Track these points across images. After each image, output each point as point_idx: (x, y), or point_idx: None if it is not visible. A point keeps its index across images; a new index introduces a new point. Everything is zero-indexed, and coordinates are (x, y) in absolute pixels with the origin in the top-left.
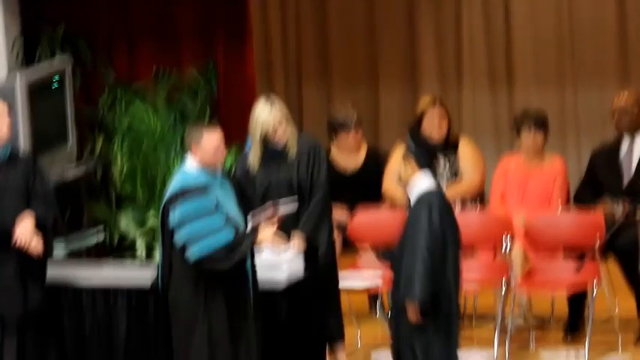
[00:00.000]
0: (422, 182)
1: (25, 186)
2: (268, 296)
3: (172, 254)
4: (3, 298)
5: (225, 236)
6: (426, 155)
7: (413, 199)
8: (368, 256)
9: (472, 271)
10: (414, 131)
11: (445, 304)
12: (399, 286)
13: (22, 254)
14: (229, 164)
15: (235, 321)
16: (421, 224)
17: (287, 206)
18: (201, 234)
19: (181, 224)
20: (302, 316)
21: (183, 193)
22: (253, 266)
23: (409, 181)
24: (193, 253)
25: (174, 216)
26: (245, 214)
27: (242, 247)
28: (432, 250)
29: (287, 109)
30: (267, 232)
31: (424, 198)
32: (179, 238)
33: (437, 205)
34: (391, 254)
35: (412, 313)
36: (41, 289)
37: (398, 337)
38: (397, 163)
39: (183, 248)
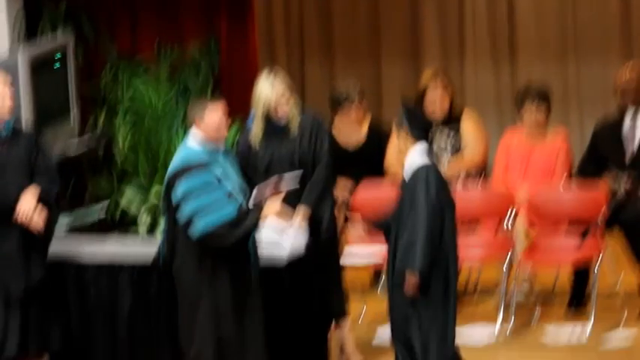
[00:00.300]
0: (417, 156)
1: (28, 161)
2: (270, 272)
3: (176, 230)
4: (6, 273)
5: (228, 212)
6: (420, 128)
7: (408, 172)
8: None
9: (475, 247)
10: (408, 104)
11: (442, 279)
12: (394, 260)
13: (25, 229)
14: (231, 139)
15: (240, 297)
16: (419, 200)
17: (291, 180)
18: (205, 210)
19: (184, 200)
20: (304, 291)
21: (186, 170)
22: (254, 242)
23: (404, 153)
24: (197, 229)
25: (178, 192)
26: (248, 190)
27: (247, 222)
28: (432, 225)
29: (290, 82)
30: (272, 207)
31: (420, 173)
32: (183, 214)
33: (434, 180)
34: (385, 224)
35: (410, 286)
36: (42, 265)
37: (393, 309)
38: None
39: (187, 224)
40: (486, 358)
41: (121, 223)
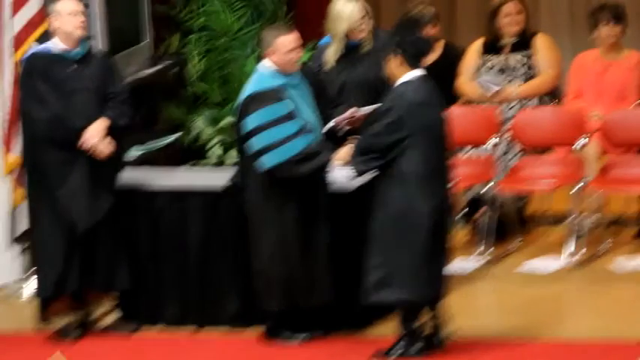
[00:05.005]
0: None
1: (101, 84)
2: (338, 198)
3: (245, 158)
4: (73, 206)
5: (299, 143)
6: (417, 55)
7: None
8: None
9: (546, 171)
10: (405, 27)
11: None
12: None
13: (93, 158)
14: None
15: (306, 225)
16: (380, 119)
17: (367, 112)
18: (275, 142)
19: (255, 131)
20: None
21: (257, 98)
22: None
23: (396, 78)
24: (267, 160)
25: (248, 122)
26: (322, 113)
27: (321, 156)
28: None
29: (367, 5)
30: (346, 153)
31: (398, 89)
32: (253, 145)
33: (409, 97)
34: None
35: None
36: (111, 193)
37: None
38: (472, 59)
39: (255, 156)
40: (555, 286)
41: (192, 153)
